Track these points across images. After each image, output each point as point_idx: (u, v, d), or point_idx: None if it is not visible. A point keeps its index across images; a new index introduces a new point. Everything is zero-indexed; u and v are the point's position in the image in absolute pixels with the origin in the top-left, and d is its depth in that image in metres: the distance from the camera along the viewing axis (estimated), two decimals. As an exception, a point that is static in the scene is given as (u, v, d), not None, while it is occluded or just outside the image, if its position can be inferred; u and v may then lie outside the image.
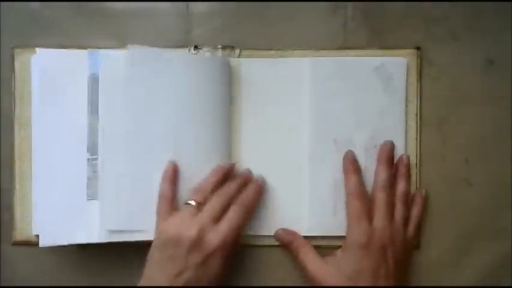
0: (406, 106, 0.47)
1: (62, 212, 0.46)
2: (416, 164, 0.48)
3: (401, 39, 0.48)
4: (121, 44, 0.49)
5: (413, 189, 0.48)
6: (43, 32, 0.49)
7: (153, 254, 0.44)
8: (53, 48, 0.48)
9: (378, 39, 0.48)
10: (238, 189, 0.45)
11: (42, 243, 0.46)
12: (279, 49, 0.48)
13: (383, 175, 0.46)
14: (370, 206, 0.45)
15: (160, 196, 0.45)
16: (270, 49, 0.48)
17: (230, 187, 0.45)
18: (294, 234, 0.47)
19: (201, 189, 0.45)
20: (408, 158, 0.47)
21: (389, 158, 0.47)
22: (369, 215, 0.44)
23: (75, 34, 0.49)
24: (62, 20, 0.49)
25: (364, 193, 0.45)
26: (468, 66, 0.48)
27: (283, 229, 0.47)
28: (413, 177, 0.48)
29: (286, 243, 0.47)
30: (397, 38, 0.48)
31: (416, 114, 0.48)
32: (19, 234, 0.48)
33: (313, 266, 0.45)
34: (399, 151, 0.47)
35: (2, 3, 0.49)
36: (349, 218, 0.45)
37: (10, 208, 0.48)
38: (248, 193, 0.46)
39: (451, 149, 0.48)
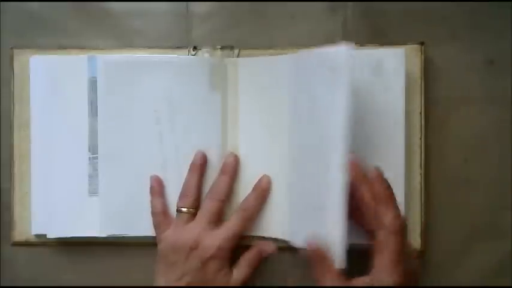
0: (407, 104, 0.45)
1: (65, 207, 0.47)
2: (421, 164, 0.46)
3: (401, 39, 0.48)
4: (121, 44, 0.49)
5: (416, 190, 0.46)
6: (43, 32, 0.49)
7: (158, 266, 0.45)
8: (53, 48, 0.48)
9: (378, 39, 0.48)
10: (229, 183, 0.46)
11: (50, 235, 0.47)
12: (279, 49, 0.48)
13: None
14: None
15: (153, 212, 0.46)
16: (270, 49, 0.48)
17: (219, 185, 0.45)
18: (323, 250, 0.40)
19: (186, 194, 0.45)
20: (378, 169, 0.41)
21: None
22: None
23: (75, 34, 0.49)
24: (62, 20, 0.49)
25: (404, 229, 0.39)
26: (468, 66, 0.48)
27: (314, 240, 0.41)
28: (418, 178, 0.46)
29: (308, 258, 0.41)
30: (397, 38, 0.48)
31: (420, 113, 0.46)
32: (18, 235, 0.48)
33: None
34: (399, 152, 0.45)
35: (2, 3, 0.49)
36: (390, 255, 0.38)
37: (10, 208, 0.48)
38: (250, 199, 0.46)
39: (451, 149, 0.48)
